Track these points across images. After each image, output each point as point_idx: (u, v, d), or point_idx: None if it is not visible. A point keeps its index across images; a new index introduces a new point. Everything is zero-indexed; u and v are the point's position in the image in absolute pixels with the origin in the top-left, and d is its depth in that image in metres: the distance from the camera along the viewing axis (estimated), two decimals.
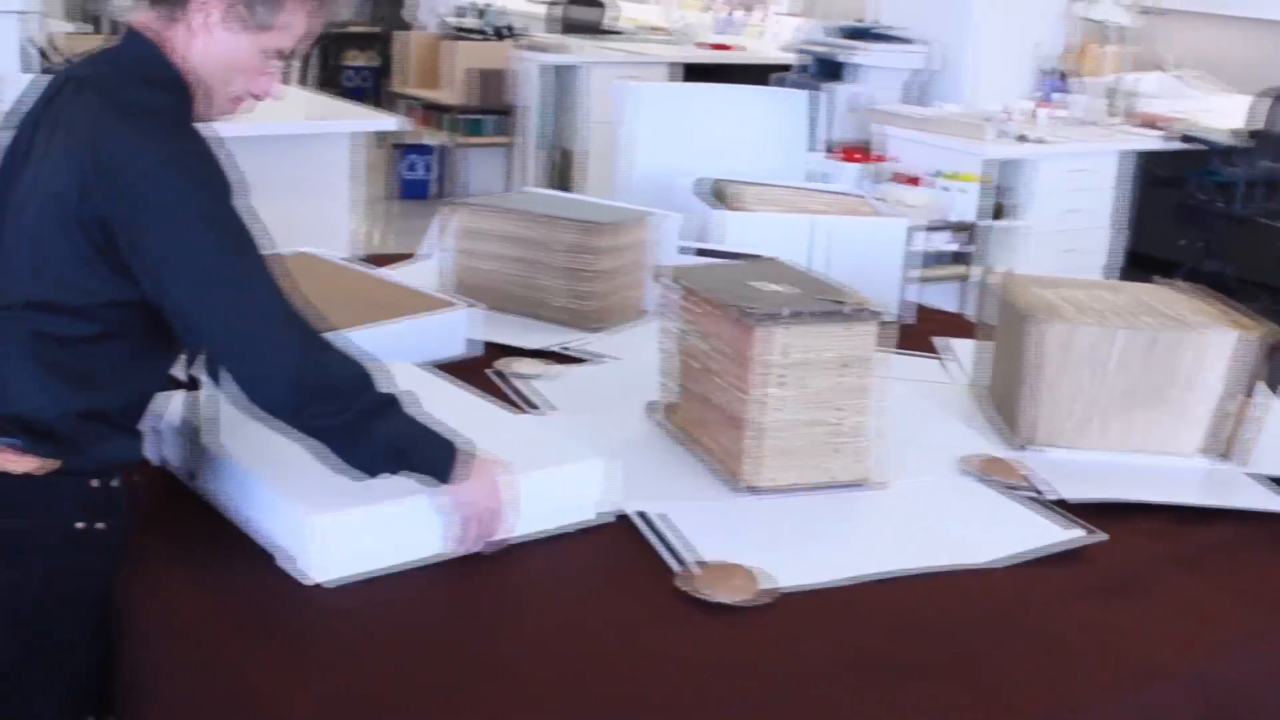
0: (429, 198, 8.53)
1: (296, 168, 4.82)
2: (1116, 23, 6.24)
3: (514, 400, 2.42)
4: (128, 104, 1.74)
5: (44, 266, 1.73)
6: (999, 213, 5.62)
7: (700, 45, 9.06)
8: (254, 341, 1.73)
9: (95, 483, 1.80)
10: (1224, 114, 6.75)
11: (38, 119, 1.79)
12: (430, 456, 1.82)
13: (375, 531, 1.80)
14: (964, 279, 5.60)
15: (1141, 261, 6.76)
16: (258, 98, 1.89)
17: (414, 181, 8.35)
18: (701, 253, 3.03)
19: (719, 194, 3.31)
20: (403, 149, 8.32)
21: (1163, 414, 2.37)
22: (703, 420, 2.21)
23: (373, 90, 10.63)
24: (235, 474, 1.93)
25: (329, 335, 1.79)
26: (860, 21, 6.53)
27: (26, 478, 1.75)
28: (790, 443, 2.11)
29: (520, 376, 2.55)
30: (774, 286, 2.20)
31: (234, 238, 1.73)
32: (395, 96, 8.20)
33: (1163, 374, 2.35)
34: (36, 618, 1.79)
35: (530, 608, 1.79)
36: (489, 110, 7.87)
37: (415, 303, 2.67)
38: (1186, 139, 6.17)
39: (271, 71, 1.87)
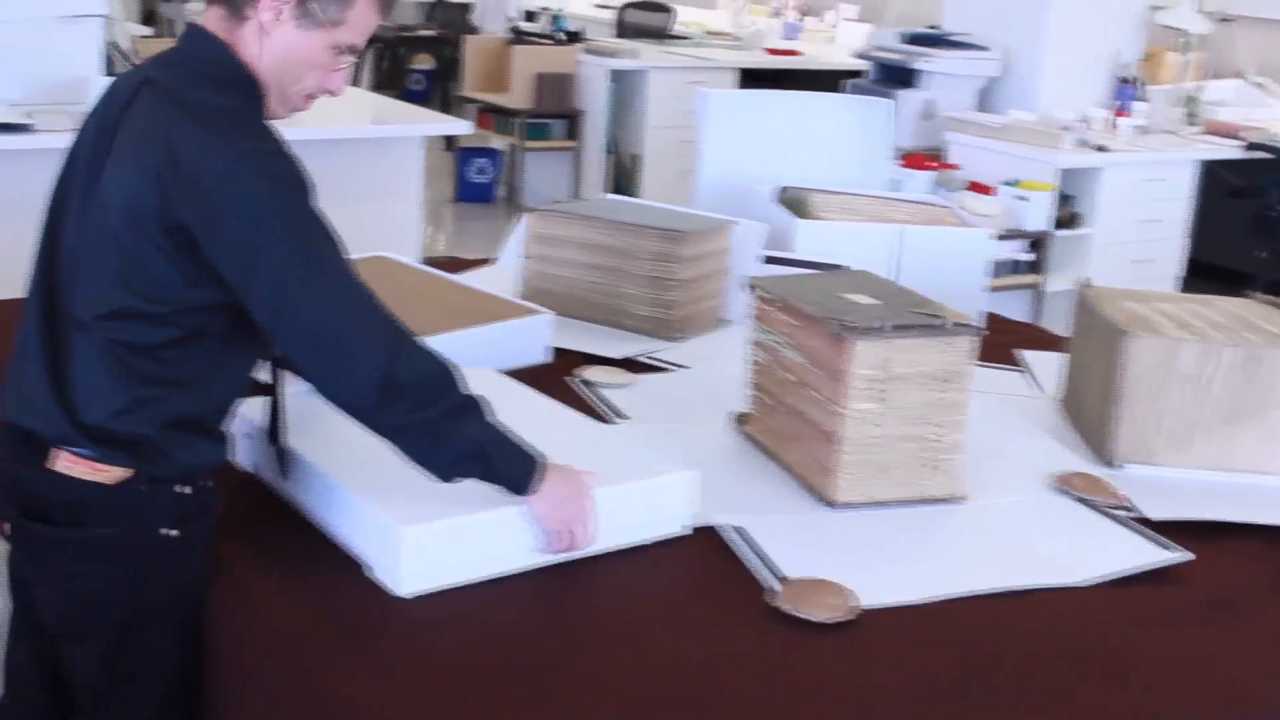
0: (493, 201, 8.54)
1: (368, 171, 4.83)
2: (1196, 30, 6.14)
3: (595, 409, 2.39)
4: (202, 107, 1.73)
5: (130, 274, 1.71)
6: (1069, 222, 5.54)
7: (770, 51, 9.00)
8: (339, 339, 1.71)
9: (183, 489, 1.79)
10: None
11: (114, 124, 1.77)
12: (510, 465, 1.79)
13: (464, 543, 1.78)
14: (1034, 288, 5.52)
15: (1205, 271, 6.66)
16: (331, 94, 1.88)
17: (478, 185, 8.35)
18: (773, 261, 3.00)
19: (798, 202, 3.26)
20: (467, 152, 8.32)
21: (1261, 433, 2.31)
22: (791, 433, 2.17)
23: (429, 93, 10.65)
24: (321, 481, 1.91)
25: (412, 334, 1.77)
26: (934, 28, 6.46)
27: (115, 486, 1.74)
28: (884, 458, 2.07)
29: (600, 385, 2.52)
30: (867, 299, 2.16)
31: (314, 235, 1.72)
32: (461, 100, 8.19)
33: (1265, 392, 2.29)
34: (128, 625, 1.78)
35: (617, 620, 1.76)
36: (554, 114, 7.85)
37: (496, 309, 2.64)
38: (1252, 147, 6.05)
39: (342, 67, 1.86)
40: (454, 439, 1.74)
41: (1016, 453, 2.33)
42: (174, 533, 1.78)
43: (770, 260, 2.99)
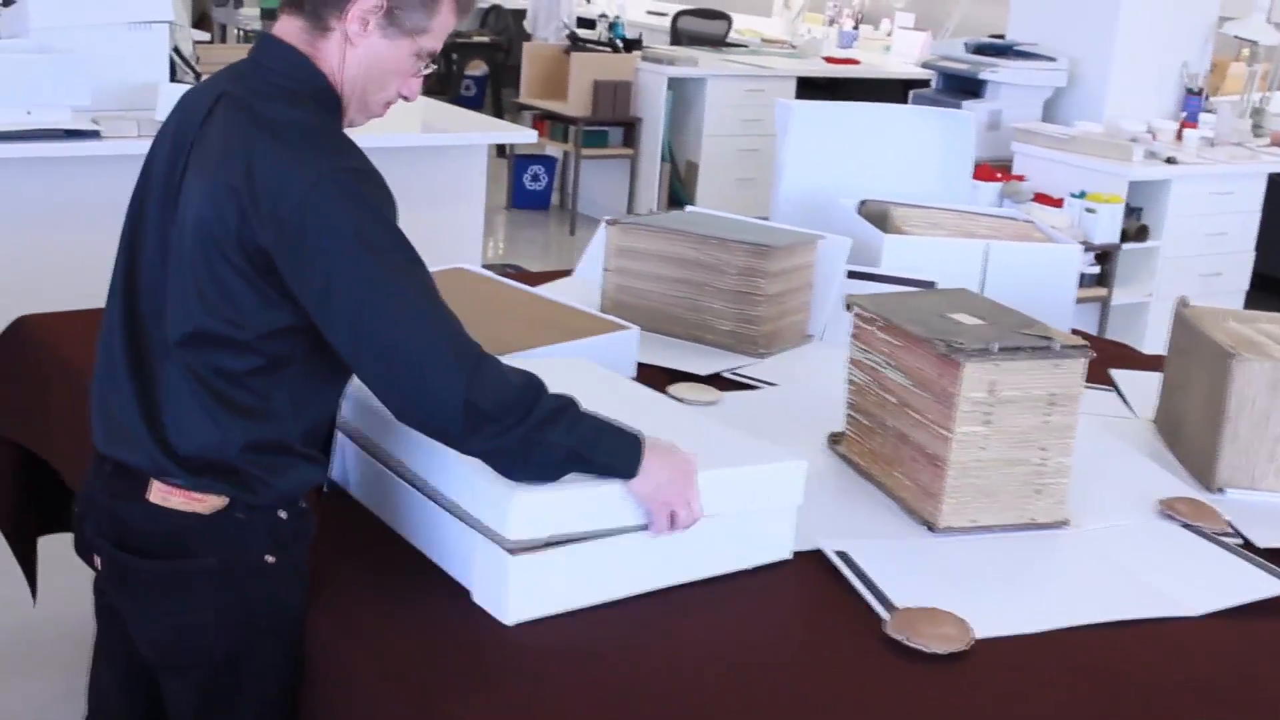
0: (547, 208, 8.53)
1: (430, 179, 4.81)
2: (1267, 41, 6.06)
3: None
4: (280, 124, 1.69)
5: (210, 295, 1.67)
6: (1136, 234, 5.47)
7: (827, 60, 8.96)
8: (421, 365, 1.65)
9: (282, 514, 1.77)
10: None
11: (191, 140, 1.74)
12: (612, 455, 1.75)
13: (572, 571, 1.74)
14: (1100, 302, 5.46)
15: (1270, 284, 6.57)
16: (407, 99, 1.86)
17: (535, 192, 8.34)
18: (858, 276, 2.96)
19: (880, 216, 3.23)
20: (523, 160, 8.31)
21: None
22: (891, 455, 2.13)
23: (480, 99, 10.65)
24: (424, 507, 1.88)
25: (493, 355, 1.73)
26: (999, 37, 6.40)
27: (213, 516, 1.72)
28: (988, 482, 2.03)
29: (689, 402, 2.48)
30: (970, 318, 2.12)
31: (394, 260, 1.66)
32: (516, 106, 8.18)
33: None
34: (230, 654, 1.75)
35: (727, 649, 1.73)
36: (610, 122, 7.83)
37: (582, 323, 2.61)
38: None
39: (424, 73, 1.83)
40: (544, 451, 1.70)
41: (1115, 476, 2.29)
42: (273, 559, 1.75)
43: (855, 275, 2.95)
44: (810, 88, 8.38)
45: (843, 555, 1.92)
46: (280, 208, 1.63)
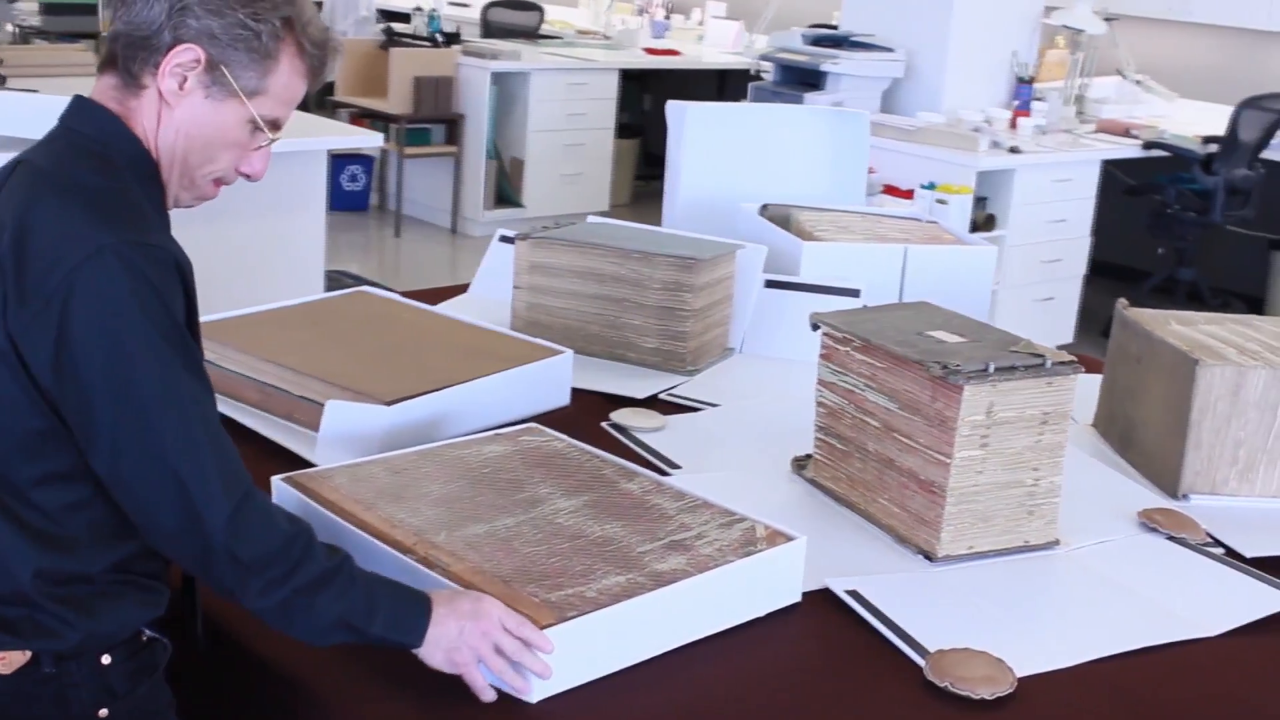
0: (367, 210, 8.27)
1: (272, 186, 4.57)
2: (1093, 30, 6.19)
3: (643, 459, 2.23)
4: (70, 185, 1.45)
5: None
6: (985, 224, 5.53)
7: (648, 51, 8.89)
8: (180, 498, 1.42)
9: (106, 659, 1.52)
10: (1179, 120, 6.76)
11: None
12: (390, 625, 1.51)
13: (588, 644, 1.59)
14: None
15: (1104, 270, 6.74)
16: (249, 178, 1.62)
17: (353, 193, 8.09)
18: (775, 285, 2.88)
19: (783, 220, 3.14)
20: (339, 160, 8.03)
21: None
22: (873, 481, 2.05)
23: None
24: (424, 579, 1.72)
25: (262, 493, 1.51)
26: (824, 27, 6.41)
27: (18, 676, 1.46)
28: (988, 507, 1.96)
29: (635, 429, 2.36)
30: (951, 336, 2.04)
31: (169, 363, 1.42)
32: (332, 104, 7.91)
33: None
34: None
35: (761, 707, 1.61)
36: (433, 119, 7.62)
37: (512, 349, 2.47)
38: (1150, 145, 6.14)
39: (263, 145, 1.60)
40: (309, 616, 1.47)
41: (1084, 488, 2.24)
42: (108, 711, 1.51)
43: (774, 285, 2.86)
44: (625, 79, 8.30)
45: (855, 595, 1.82)
46: (45, 282, 1.38)
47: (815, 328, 2.16)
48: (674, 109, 3.29)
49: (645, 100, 9.93)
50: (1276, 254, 6.60)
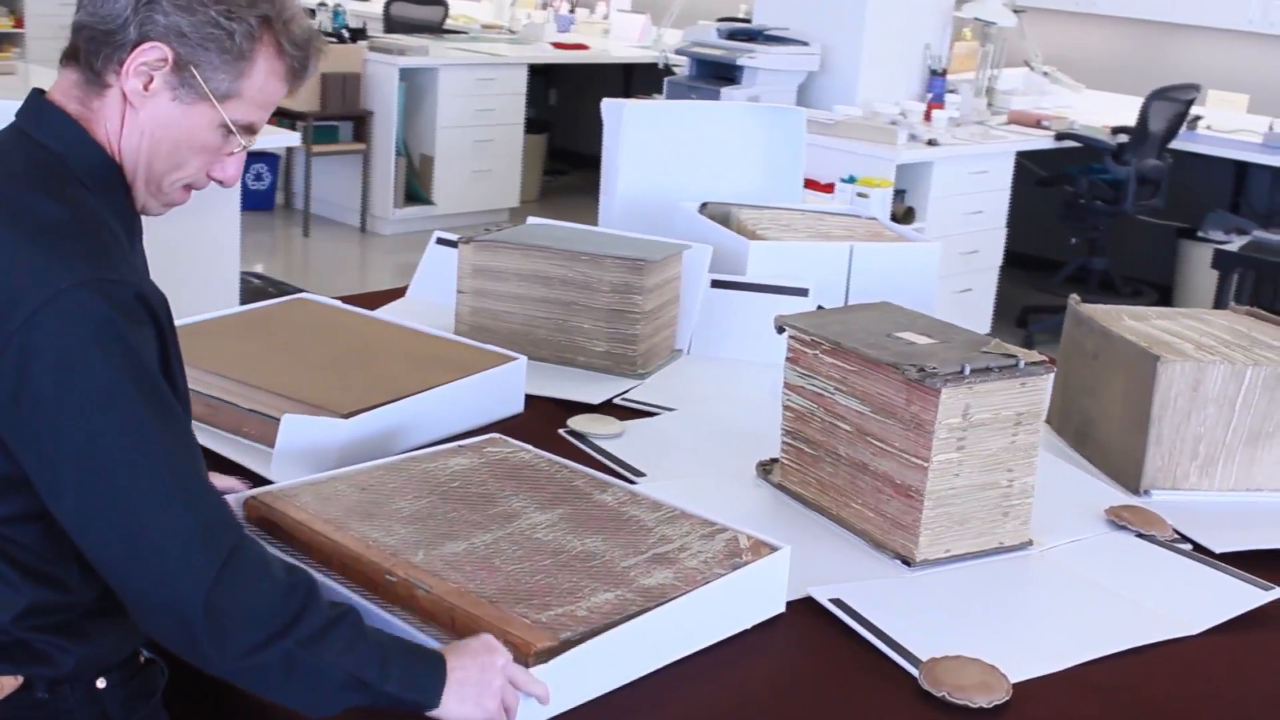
0: (274, 208, 8.13)
1: None
2: (1004, 23, 6.24)
3: (606, 467, 2.18)
4: (24, 216, 1.35)
5: None
6: (904, 217, 5.56)
7: (555, 45, 8.83)
8: (158, 556, 1.30)
9: (101, 683, 1.46)
10: (1085, 111, 6.84)
11: None
12: (405, 684, 1.40)
13: (578, 670, 1.53)
14: None
15: (1018, 260, 6.81)
16: (221, 183, 1.53)
17: (258, 192, 7.93)
18: (721, 285, 2.85)
19: (723, 218, 3.12)
20: (246, 157, 7.87)
21: (1277, 449, 2.28)
22: (846, 486, 2.02)
23: None
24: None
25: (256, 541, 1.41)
26: (735, 20, 6.40)
27: (10, 701, 1.39)
28: (964, 510, 1.94)
29: (594, 436, 2.31)
30: (920, 337, 2.03)
31: (140, 411, 1.31)
32: None
33: None
34: None
35: (756, 710, 1.58)
36: (340, 116, 7.49)
37: (464, 357, 2.41)
38: (1062, 136, 6.22)
39: (236, 151, 1.51)
40: (315, 674, 1.36)
41: (1048, 486, 2.21)
42: None
43: (720, 285, 2.83)
44: (531, 74, 8.24)
45: (839, 603, 1.79)
46: (2, 329, 1.29)
47: (780, 330, 2.13)
48: (610, 107, 3.24)
49: (551, 95, 9.88)
50: (1184, 242, 6.71)
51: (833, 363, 2.03)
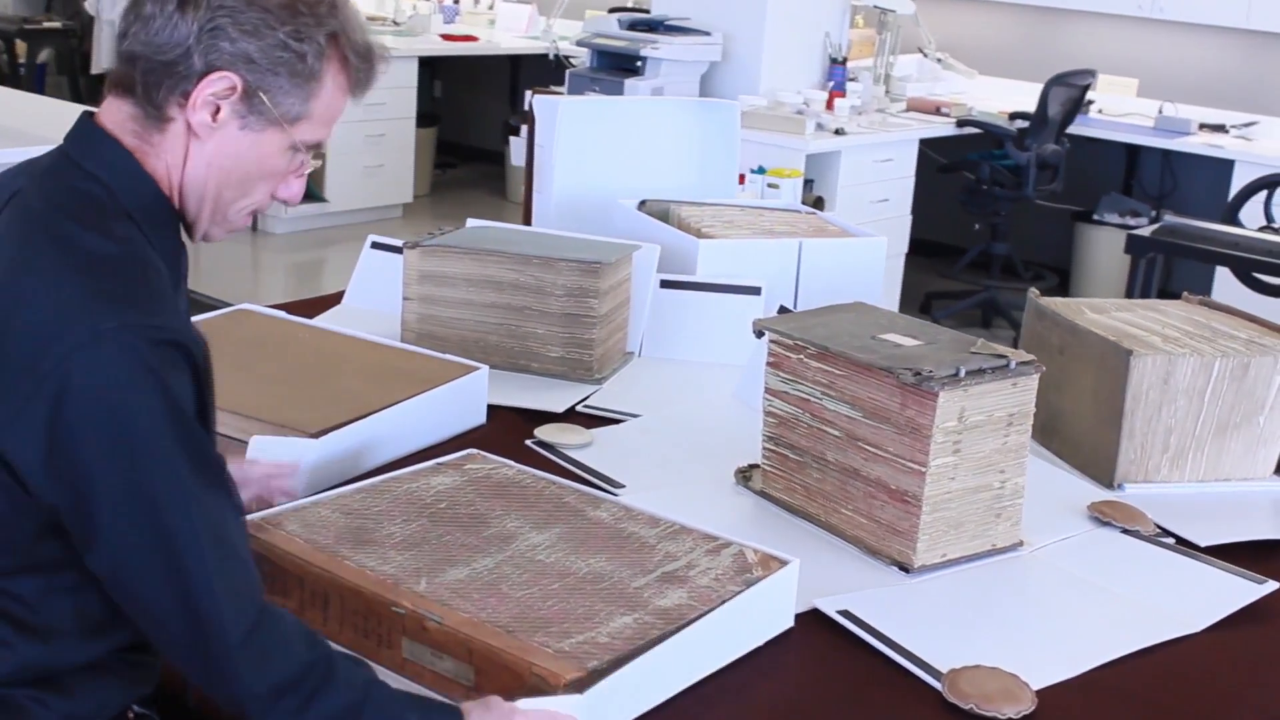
0: None
1: None
2: (904, 11, 6.26)
3: (582, 478, 2.12)
4: (69, 251, 1.27)
5: None
6: (815, 207, 5.54)
7: (445, 37, 8.70)
8: (186, 604, 1.26)
9: None
10: (978, 97, 6.91)
11: None
12: None
13: (612, 695, 1.47)
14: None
15: (923, 248, 6.85)
16: (286, 202, 1.48)
17: None
18: (671, 285, 2.80)
19: (661, 216, 3.06)
20: None
21: (1247, 441, 2.30)
22: (835, 492, 1.99)
23: (42, 86, 9.75)
24: None
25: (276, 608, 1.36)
26: (644, 11, 6.35)
27: None
28: (959, 513, 1.91)
29: (563, 447, 2.25)
30: (905, 339, 2.00)
31: (180, 468, 1.26)
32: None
33: (1251, 400, 2.27)
34: None
35: None
36: None
37: (423, 368, 2.33)
38: (963, 123, 6.27)
39: (304, 173, 1.46)
40: None
41: (1028, 484, 2.22)
42: None
43: (669, 285, 2.78)
44: (424, 66, 8.11)
45: (848, 615, 1.76)
46: (34, 369, 1.22)
47: (760, 334, 2.08)
48: (544, 104, 3.18)
49: (436, 87, 9.73)
50: (1080, 225, 6.81)
51: (819, 367, 1.99)
